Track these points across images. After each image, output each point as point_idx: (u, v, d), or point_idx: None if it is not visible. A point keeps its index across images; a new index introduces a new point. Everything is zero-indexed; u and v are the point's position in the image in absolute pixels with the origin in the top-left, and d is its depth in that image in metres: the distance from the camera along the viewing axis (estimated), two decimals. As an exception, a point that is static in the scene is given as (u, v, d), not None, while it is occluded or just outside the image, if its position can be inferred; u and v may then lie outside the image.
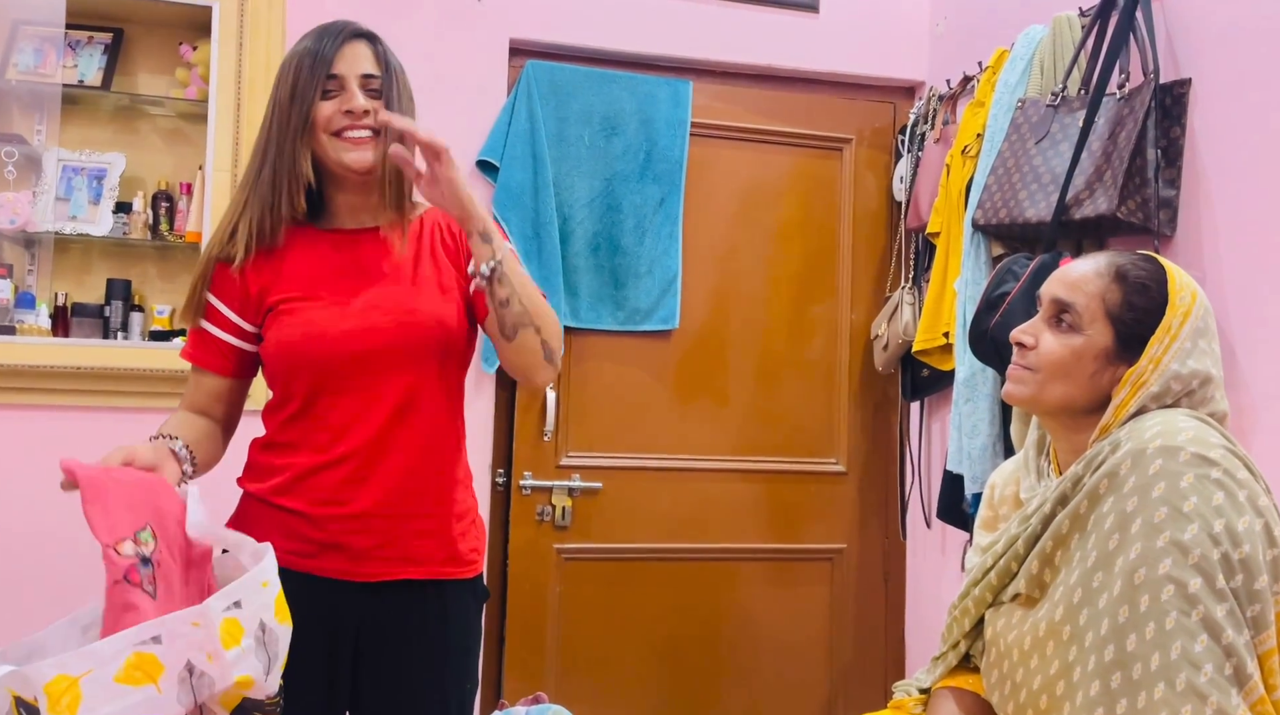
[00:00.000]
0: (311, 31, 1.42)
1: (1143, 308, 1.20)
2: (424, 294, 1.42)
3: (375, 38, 1.43)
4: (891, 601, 2.89)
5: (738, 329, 2.79)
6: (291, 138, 1.36)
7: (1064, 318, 1.23)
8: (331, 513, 1.39)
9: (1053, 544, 1.19)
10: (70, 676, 0.93)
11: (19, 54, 2.44)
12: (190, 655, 0.99)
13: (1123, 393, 1.19)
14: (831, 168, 2.87)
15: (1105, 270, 1.22)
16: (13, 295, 2.39)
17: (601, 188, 2.65)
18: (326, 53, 1.36)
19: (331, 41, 1.38)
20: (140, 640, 0.97)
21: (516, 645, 2.61)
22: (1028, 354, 1.25)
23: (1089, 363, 1.21)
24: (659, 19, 2.72)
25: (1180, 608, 1.04)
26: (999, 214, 2.10)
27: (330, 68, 1.37)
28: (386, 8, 2.55)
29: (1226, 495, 1.08)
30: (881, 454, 2.88)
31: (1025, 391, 1.25)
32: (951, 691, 1.34)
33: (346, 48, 1.38)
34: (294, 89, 1.36)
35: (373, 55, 1.40)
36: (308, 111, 1.36)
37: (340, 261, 1.42)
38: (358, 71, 1.38)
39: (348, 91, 1.37)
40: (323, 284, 1.40)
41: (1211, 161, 1.89)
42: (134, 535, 1.10)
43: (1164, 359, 1.18)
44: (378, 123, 1.36)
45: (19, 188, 2.41)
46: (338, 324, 1.38)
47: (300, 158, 1.37)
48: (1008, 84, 2.24)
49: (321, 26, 1.42)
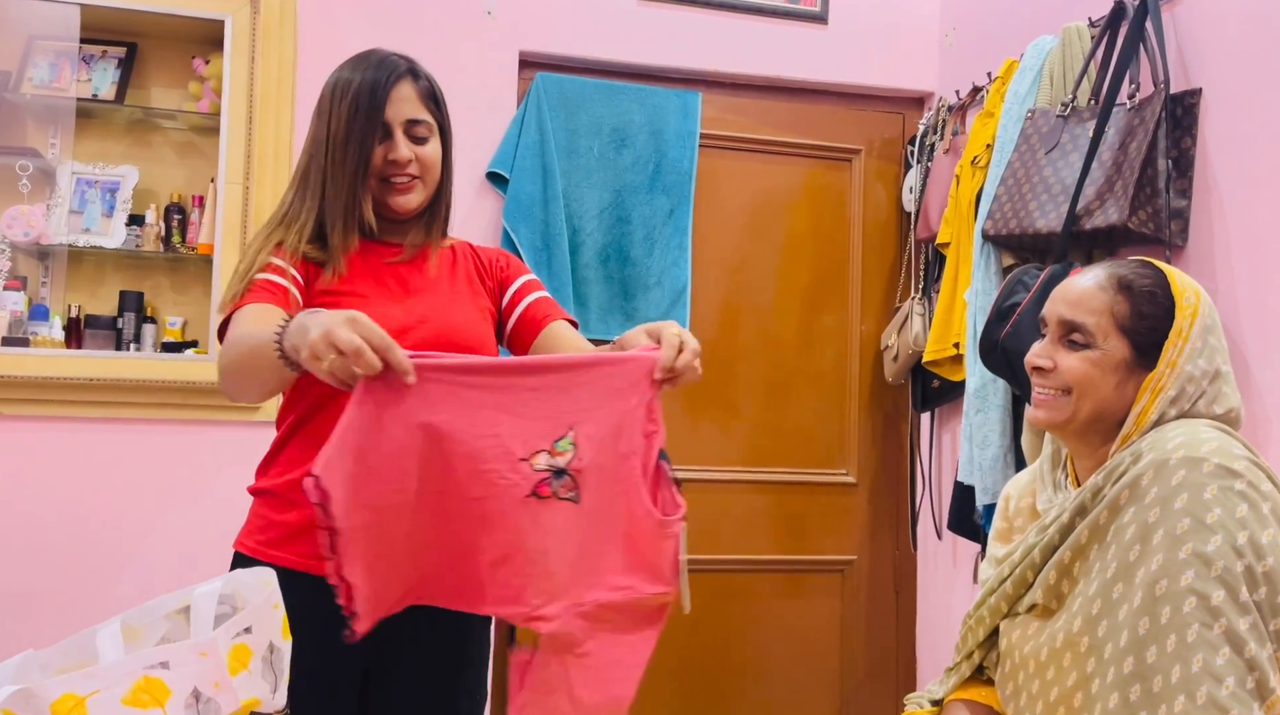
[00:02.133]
0: (362, 61, 1.42)
1: (1153, 315, 1.20)
2: (463, 310, 1.45)
3: (418, 73, 1.44)
4: (902, 613, 2.88)
5: (747, 340, 2.79)
6: (350, 181, 1.38)
7: (1074, 337, 1.22)
8: None
9: (1071, 555, 1.18)
10: (77, 696, 0.93)
11: (34, 68, 2.46)
12: (197, 683, 0.99)
13: (1143, 400, 1.19)
14: (841, 179, 2.88)
15: (1108, 283, 1.22)
16: (26, 307, 2.41)
17: (611, 199, 2.66)
18: (379, 99, 1.38)
19: (384, 84, 1.39)
20: (149, 665, 0.98)
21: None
22: (1050, 376, 1.24)
23: (1111, 375, 1.20)
24: (668, 31, 2.73)
25: (1202, 620, 1.03)
26: (1009, 224, 2.10)
27: (382, 114, 1.38)
28: (398, 20, 2.57)
29: (1250, 507, 1.07)
30: (892, 465, 2.88)
31: (1060, 415, 1.23)
32: (964, 703, 1.33)
33: (394, 91, 1.40)
34: (348, 131, 1.38)
35: (417, 95, 1.42)
36: (367, 157, 1.38)
37: (382, 267, 1.44)
38: (403, 118, 1.40)
39: (393, 140, 1.39)
40: (367, 283, 1.42)
41: (1223, 171, 1.88)
42: (551, 445, 1.12)
43: (1179, 361, 1.18)
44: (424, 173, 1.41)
45: (33, 201, 2.42)
46: (383, 321, 1.38)
47: (363, 203, 1.40)
48: (1017, 94, 2.24)
49: (371, 58, 1.42)
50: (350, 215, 1.40)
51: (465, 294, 1.48)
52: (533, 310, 1.52)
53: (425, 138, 1.42)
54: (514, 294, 1.54)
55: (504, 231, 2.55)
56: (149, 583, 2.32)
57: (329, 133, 1.39)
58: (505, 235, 2.54)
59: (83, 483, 2.37)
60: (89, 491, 2.37)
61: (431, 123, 1.43)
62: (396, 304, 1.41)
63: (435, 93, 1.45)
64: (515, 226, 2.54)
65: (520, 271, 1.57)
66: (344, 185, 1.38)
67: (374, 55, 1.43)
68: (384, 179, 1.41)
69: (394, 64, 1.42)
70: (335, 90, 1.40)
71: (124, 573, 2.37)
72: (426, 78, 1.45)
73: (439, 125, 1.45)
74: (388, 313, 1.37)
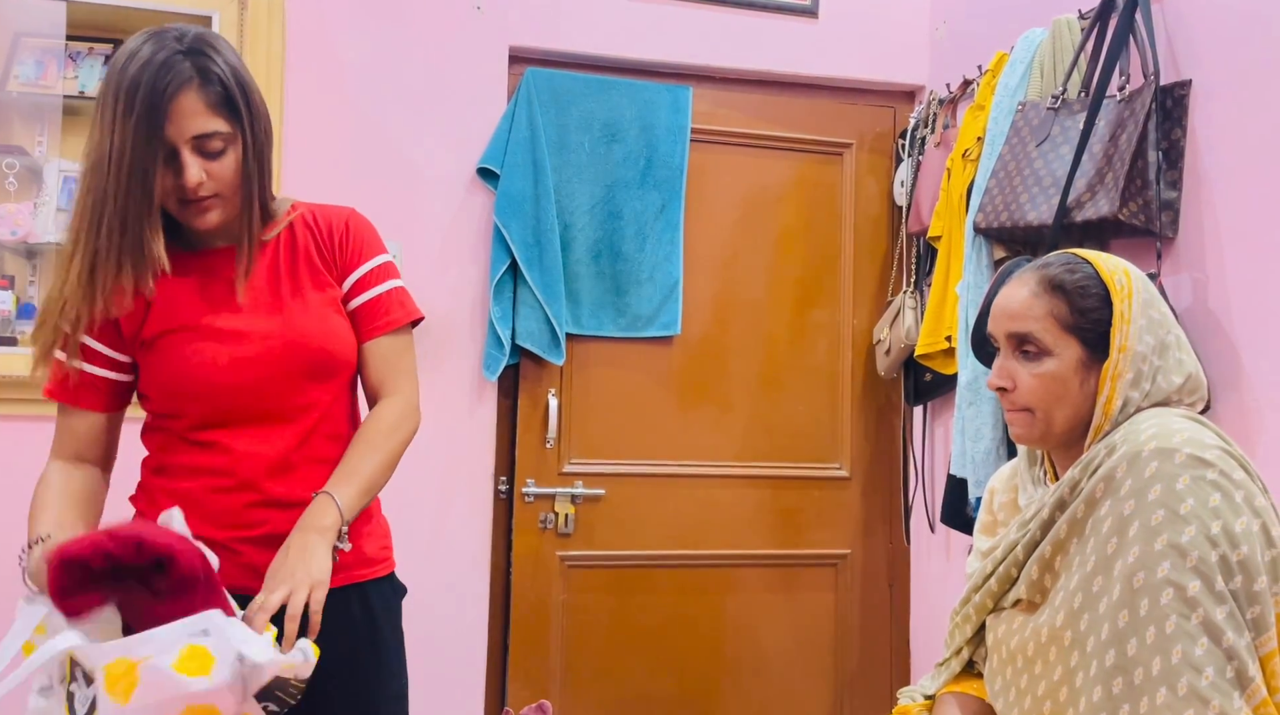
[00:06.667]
0: (147, 49, 1.22)
1: (1092, 308, 1.20)
2: (306, 313, 1.36)
3: (205, 69, 1.24)
4: (896, 607, 2.88)
5: (739, 335, 2.79)
6: (136, 214, 1.23)
7: (1027, 348, 1.22)
8: (242, 535, 1.34)
9: (1052, 549, 1.18)
10: (130, 660, 0.96)
11: (20, 66, 2.44)
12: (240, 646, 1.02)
13: (1105, 389, 1.19)
14: (832, 173, 2.87)
15: (1040, 288, 1.22)
16: (14, 306, 2.39)
17: (602, 194, 2.65)
18: (158, 118, 1.20)
19: (163, 97, 1.20)
20: (192, 633, 1.00)
21: (520, 653, 2.60)
22: (1012, 396, 1.23)
23: (1073, 378, 1.20)
24: (658, 25, 2.72)
25: (1180, 611, 1.03)
26: (1000, 217, 2.10)
27: (162, 133, 1.21)
28: (386, 16, 2.56)
29: (1223, 496, 1.08)
30: (885, 459, 2.88)
31: (1033, 431, 1.23)
32: (956, 697, 1.33)
33: (174, 106, 1.21)
34: (128, 155, 1.20)
35: (205, 105, 1.23)
36: (150, 188, 1.22)
37: (211, 284, 1.34)
38: (188, 135, 1.23)
39: (180, 162, 1.23)
40: (198, 311, 1.33)
41: (1213, 163, 1.88)
42: None
43: (1129, 343, 1.18)
44: (222, 189, 1.27)
45: (20, 199, 2.41)
46: (224, 354, 1.32)
47: (151, 242, 1.25)
48: (1008, 87, 2.24)
49: (156, 52, 1.22)
50: (139, 258, 1.25)
51: (308, 286, 1.37)
52: (361, 316, 1.40)
53: (219, 150, 1.25)
54: (350, 288, 1.41)
55: (495, 228, 2.54)
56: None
57: (110, 149, 1.21)
58: (496, 231, 2.54)
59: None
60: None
61: (227, 131, 1.25)
62: (236, 319, 1.32)
63: (230, 92, 1.25)
64: (506, 222, 2.53)
65: (359, 256, 1.41)
66: (130, 221, 1.23)
67: (160, 45, 1.23)
68: (180, 200, 1.27)
69: (175, 66, 1.22)
70: (114, 91, 1.22)
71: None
72: (219, 76, 1.24)
73: (238, 128, 1.27)
74: (230, 331, 1.32)
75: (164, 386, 1.33)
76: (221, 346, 1.32)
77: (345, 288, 1.41)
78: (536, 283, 2.54)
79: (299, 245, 1.39)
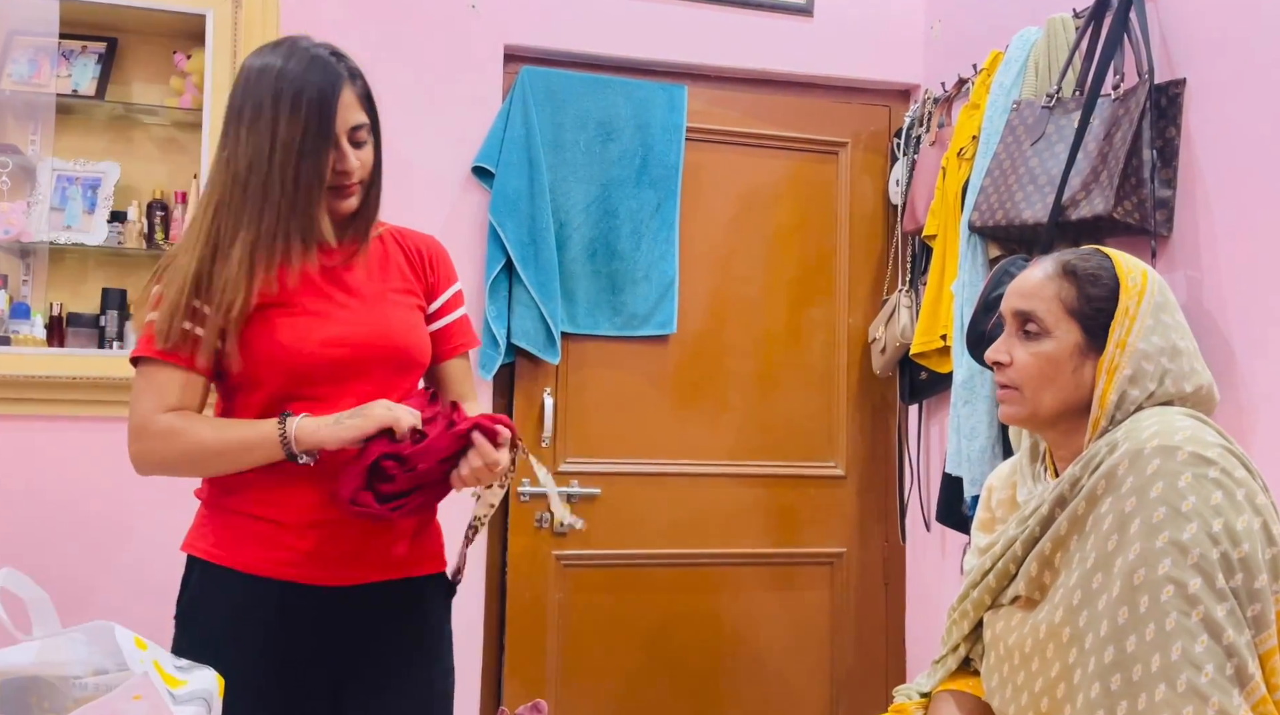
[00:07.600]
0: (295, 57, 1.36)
1: (1099, 297, 1.21)
2: (396, 310, 1.46)
3: (355, 72, 1.41)
4: (892, 605, 2.88)
5: (735, 333, 2.79)
6: (305, 198, 1.36)
7: (1029, 327, 1.24)
8: (310, 519, 1.39)
9: (1051, 546, 1.18)
10: None
11: (13, 64, 2.43)
12: None
13: (1101, 382, 1.20)
14: (827, 171, 2.87)
15: (1054, 271, 1.24)
16: (8, 305, 2.39)
17: (598, 193, 2.65)
18: (329, 110, 1.35)
19: (331, 92, 1.35)
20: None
21: (516, 652, 2.60)
22: (1007, 371, 1.26)
23: (1066, 362, 1.22)
24: (654, 24, 2.72)
25: (1180, 608, 1.03)
26: (995, 216, 2.10)
27: (333, 125, 1.36)
28: (381, 14, 2.55)
29: (1225, 494, 1.08)
30: (880, 457, 2.88)
31: (1020, 410, 1.25)
32: (952, 695, 1.34)
33: (340, 99, 1.36)
34: (302, 145, 1.34)
35: (357, 99, 1.40)
36: (322, 173, 1.36)
37: (318, 271, 1.43)
38: (348, 125, 1.38)
39: (340, 149, 1.38)
40: (298, 291, 1.41)
41: (1207, 161, 1.89)
42: None
43: (1129, 340, 1.19)
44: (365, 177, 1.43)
45: (13, 198, 2.40)
46: (317, 332, 1.39)
47: (319, 219, 1.38)
48: (1003, 86, 2.24)
49: (304, 54, 1.37)
50: (309, 234, 1.38)
51: (400, 290, 1.49)
52: (442, 337, 1.54)
53: (365, 141, 1.41)
54: (437, 310, 1.55)
55: (490, 226, 2.54)
56: (132, 584, 2.30)
57: (275, 143, 1.34)
58: (491, 230, 2.53)
59: (65, 482, 2.35)
60: (71, 491, 2.35)
61: (369, 123, 1.42)
62: (339, 309, 1.42)
63: (369, 90, 1.43)
64: (501, 221, 2.53)
65: (446, 281, 1.57)
66: (300, 202, 1.35)
67: (304, 51, 1.38)
68: (332, 186, 1.39)
69: (333, 66, 1.37)
70: (273, 94, 1.34)
71: (107, 573, 2.35)
72: (361, 75, 1.42)
73: (374, 122, 1.44)
74: (330, 318, 1.40)
75: (253, 353, 1.37)
76: (315, 322, 1.40)
77: (431, 308, 1.54)
78: (532, 281, 2.53)
79: (390, 254, 1.51)
